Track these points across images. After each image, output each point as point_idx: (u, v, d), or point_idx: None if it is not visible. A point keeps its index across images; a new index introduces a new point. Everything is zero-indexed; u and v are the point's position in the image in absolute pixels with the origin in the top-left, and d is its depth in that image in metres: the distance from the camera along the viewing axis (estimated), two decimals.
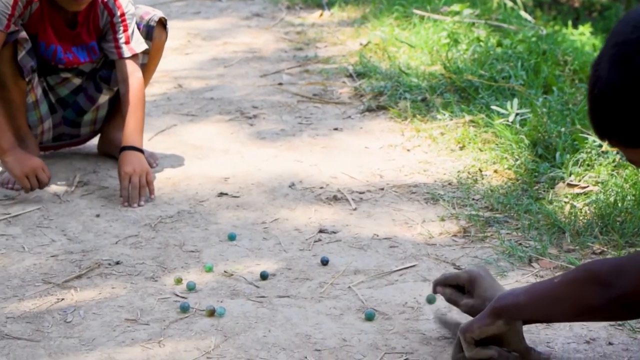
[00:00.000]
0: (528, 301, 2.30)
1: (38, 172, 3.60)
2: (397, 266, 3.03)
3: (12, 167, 3.59)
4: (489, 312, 2.32)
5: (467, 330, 2.34)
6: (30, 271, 3.05)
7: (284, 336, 2.60)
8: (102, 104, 4.00)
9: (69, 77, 3.89)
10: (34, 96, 3.81)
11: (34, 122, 3.85)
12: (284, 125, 4.50)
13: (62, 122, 3.99)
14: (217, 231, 3.34)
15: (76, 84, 3.93)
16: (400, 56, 5.44)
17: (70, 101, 3.97)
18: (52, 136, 4.00)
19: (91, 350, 2.55)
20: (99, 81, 3.92)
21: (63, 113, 3.97)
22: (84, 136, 4.09)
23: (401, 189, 3.68)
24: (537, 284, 2.36)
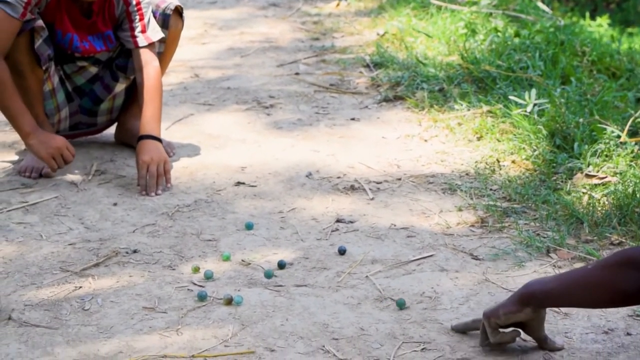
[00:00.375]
0: (559, 287, 2.31)
1: (63, 151, 3.64)
2: (414, 256, 3.03)
3: (37, 150, 3.61)
4: (517, 299, 2.33)
5: (491, 316, 2.35)
6: (48, 259, 3.06)
7: (301, 325, 2.60)
8: (119, 92, 4.00)
9: (86, 66, 3.89)
10: (50, 85, 3.81)
11: (50, 110, 3.86)
12: (300, 115, 4.50)
13: (79, 111, 3.99)
14: (235, 220, 3.34)
15: (92, 72, 3.93)
16: (417, 46, 5.43)
17: (87, 90, 3.97)
18: (69, 125, 4.00)
19: (109, 338, 2.56)
20: (116, 70, 3.92)
21: (80, 102, 3.97)
22: (100, 125, 4.09)
23: (418, 179, 3.67)
24: (568, 271, 2.35)
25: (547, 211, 3.29)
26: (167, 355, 2.46)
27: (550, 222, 3.22)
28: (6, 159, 3.93)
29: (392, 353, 2.46)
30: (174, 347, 2.50)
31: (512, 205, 3.37)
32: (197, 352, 2.48)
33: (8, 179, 3.72)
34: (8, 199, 3.53)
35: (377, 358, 2.44)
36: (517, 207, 3.36)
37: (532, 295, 2.32)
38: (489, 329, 2.36)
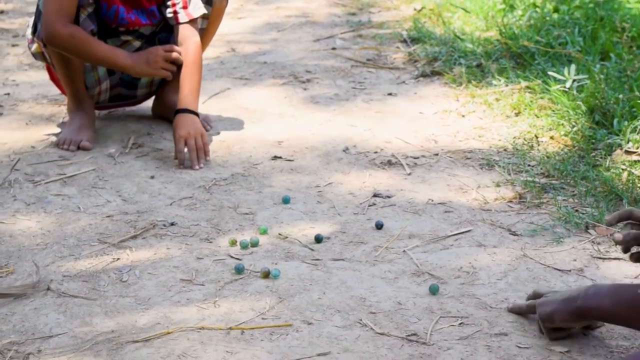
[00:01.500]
0: (612, 307, 2.26)
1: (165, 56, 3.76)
2: (452, 231, 3.02)
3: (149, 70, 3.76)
4: (574, 310, 2.30)
5: (546, 321, 2.34)
6: (85, 231, 3.07)
7: (338, 299, 2.60)
8: None
9: (130, 40, 3.89)
10: None
11: (91, 83, 3.87)
12: (337, 89, 4.48)
13: (119, 84, 4.00)
14: (271, 194, 3.33)
15: (136, 46, 3.93)
16: (454, 22, 5.40)
17: None
18: (109, 97, 4.01)
19: (147, 310, 2.57)
20: (158, 44, 3.92)
21: (121, 75, 3.98)
22: (139, 97, 4.10)
23: (456, 154, 3.65)
24: (622, 287, 2.29)
25: (586, 187, 3.26)
26: (205, 327, 2.46)
27: (589, 199, 3.20)
28: (44, 132, 3.95)
29: (429, 327, 2.45)
30: (211, 319, 2.51)
31: (551, 181, 3.35)
32: (235, 324, 2.48)
33: (46, 151, 3.74)
34: (46, 171, 3.54)
35: (414, 332, 2.43)
36: (556, 183, 3.33)
37: (588, 311, 2.28)
38: (545, 329, 2.37)
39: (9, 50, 5.24)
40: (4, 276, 2.77)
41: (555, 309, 2.33)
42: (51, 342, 2.42)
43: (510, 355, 2.33)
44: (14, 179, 3.47)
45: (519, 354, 2.33)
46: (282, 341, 2.40)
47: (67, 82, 3.83)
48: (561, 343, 2.37)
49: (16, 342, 2.42)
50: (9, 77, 4.78)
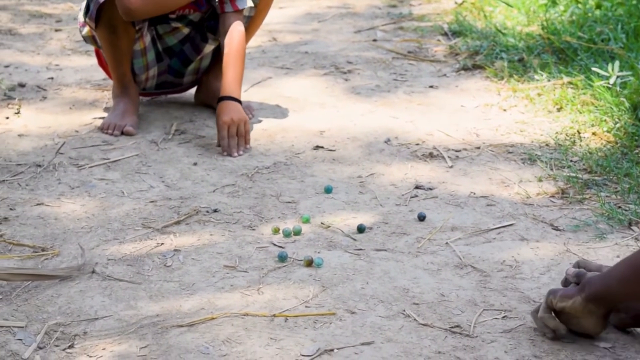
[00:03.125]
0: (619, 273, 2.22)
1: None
2: (494, 224, 3.02)
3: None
4: (577, 286, 2.29)
5: (551, 293, 2.31)
6: (130, 215, 3.09)
7: (381, 289, 2.61)
8: (207, 54, 4.02)
9: (179, 27, 3.91)
10: (142, 44, 3.85)
11: (139, 68, 3.90)
12: (378, 81, 4.49)
13: (167, 71, 4.02)
14: (314, 183, 3.34)
15: (185, 33, 3.95)
16: (496, 16, 5.39)
17: (177, 50, 3.99)
18: (155, 84, 4.04)
19: (191, 295, 2.58)
20: (206, 31, 3.93)
21: (169, 62, 4.00)
22: (185, 85, 4.12)
23: (497, 148, 3.65)
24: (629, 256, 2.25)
25: (629, 184, 3.25)
26: (249, 313, 2.48)
27: (632, 195, 3.19)
28: (87, 116, 3.98)
29: (472, 320, 2.46)
30: (255, 306, 2.52)
31: (593, 177, 3.34)
32: (278, 311, 2.49)
33: (89, 135, 3.77)
34: (90, 155, 3.57)
35: (457, 324, 2.44)
36: (598, 179, 3.33)
37: (587, 281, 2.26)
38: (544, 304, 2.33)
39: (52, 35, 5.28)
40: (49, 258, 2.80)
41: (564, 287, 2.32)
42: (97, 324, 2.45)
43: (554, 350, 2.33)
44: (59, 163, 3.50)
45: (562, 349, 2.33)
46: (326, 329, 2.41)
47: (114, 65, 3.86)
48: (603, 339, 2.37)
49: (62, 324, 2.44)
50: (52, 61, 4.81)
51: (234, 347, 2.33)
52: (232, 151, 3.58)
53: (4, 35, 5.30)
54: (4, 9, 5.94)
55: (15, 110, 4.03)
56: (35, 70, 4.64)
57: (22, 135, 3.76)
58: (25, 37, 5.29)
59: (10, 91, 4.29)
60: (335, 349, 2.32)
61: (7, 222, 3.03)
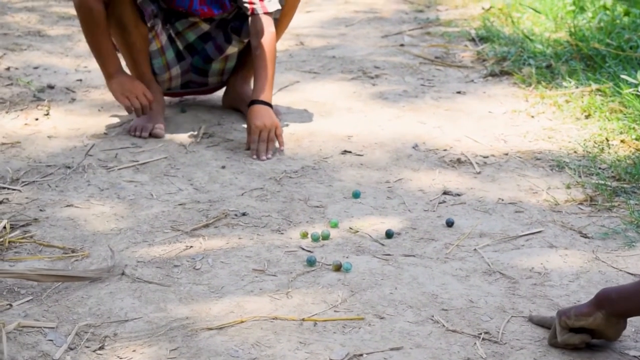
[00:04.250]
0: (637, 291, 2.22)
1: (138, 94, 3.74)
2: (522, 231, 3.01)
3: (114, 90, 3.75)
4: (591, 302, 2.27)
5: (563, 315, 2.30)
6: (159, 218, 3.10)
7: (410, 294, 2.61)
8: (231, 55, 4.02)
9: (197, 22, 3.92)
10: (158, 43, 3.86)
11: (160, 68, 3.91)
12: (406, 86, 4.49)
13: (190, 70, 4.03)
14: (342, 188, 3.35)
15: (204, 29, 3.95)
16: (523, 22, 5.39)
17: (199, 48, 3.99)
18: (181, 83, 4.05)
19: (220, 298, 2.59)
20: (230, 32, 3.94)
21: (191, 60, 4.01)
22: (211, 85, 4.13)
23: (525, 154, 3.64)
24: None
25: None
26: (278, 317, 2.49)
27: None
28: (116, 118, 4.00)
29: (501, 326, 2.45)
30: (284, 310, 2.53)
31: (622, 185, 3.33)
32: (307, 315, 2.50)
33: (119, 137, 3.79)
34: (119, 158, 3.59)
35: (486, 331, 2.44)
36: (627, 186, 3.32)
37: (605, 297, 2.24)
38: (559, 327, 2.32)
39: (80, 37, 5.31)
40: (79, 259, 2.81)
41: (574, 306, 2.30)
42: (127, 326, 2.46)
43: (583, 358, 2.32)
44: (88, 164, 3.52)
45: (592, 357, 2.33)
46: (355, 334, 2.42)
47: (132, 65, 3.89)
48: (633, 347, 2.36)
49: (92, 325, 2.46)
50: (80, 63, 4.84)
51: (263, 351, 2.33)
52: (261, 155, 3.59)
53: (32, 36, 5.34)
54: (33, 10, 5.98)
55: (45, 111, 4.05)
56: (64, 72, 4.67)
57: (51, 137, 3.78)
58: (53, 38, 5.32)
59: (40, 93, 4.31)
60: (364, 354, 2.33)
61: (37, 223, 3.05)
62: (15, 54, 4.94)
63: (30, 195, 3.25)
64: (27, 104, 4.15)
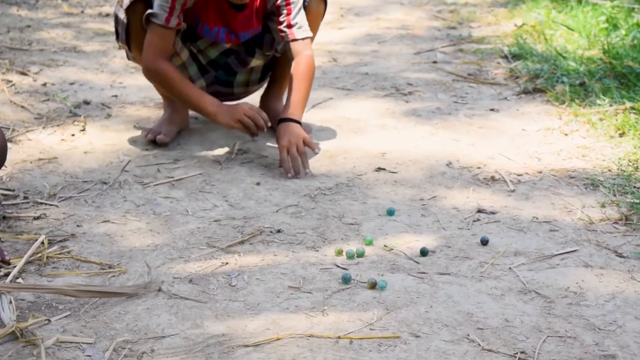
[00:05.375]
0: None
1: (246, 112, 3.73)
2: (557, 250, 3.01)
3: (226, 122, 3.73)
4: None
5: None
6: (194, 234, 3.12)
7: (445, 313, 2.62)
8: (256, 67, 4.02)
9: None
10: (179, 59, 3.89)
11: None
12: (439, 103, 4.50)
13: (215, 82, 4.05)
14: (376, 205, 3.36)
15: (226, 46, 3.97)
16: (556, 39, 5.38)
17: (222, 62, 4.01)
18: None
19: (256, 315, 2.61)
20: (252, 45, 3.95)
21: (215, 73, 4.02)
22: (237, 95, 4.15)
23: (559, 173, 3.64)
24: None
25: None
26: (314, 334, 2.50)
27: None
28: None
29: (537, 346, 2.45)
30: (320, 327, 2.54)
31: None
32: (343, 333, 2.51)
33: (153, 153, 3.82)
34: (154, 174, 3.62)
35: (522, 350, 2.44)
36: None
37: None
38: None
39: (115, 53, 5.35)
40: (116, 275, 2.83)
41: None
42: (164, 342, 2.47)
43: None
44: (124, 180, 3.54)
45: None
46: (390, 352, 2.42)
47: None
48: None
49: (130, 341, 2.47)
50: (115, 79, 4.88)
51: None
52: (295, 171, 3.59)
53: (68, 52, 5.38)
54: (68, 26, 6.04)
55: (81, 127, 4.09)
56: (99, 88, 4.71)
57: (87, 153, 3.82)
58: (89, 54, 5.37)
59: (76, 108, 4.35)
60: None
61: (74, 238, 3.08)
62: (51, 69, 4.99)
63: (67, 211, 3.28)
64: (63, 120, 4.19)
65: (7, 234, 3.09)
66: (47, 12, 6.44)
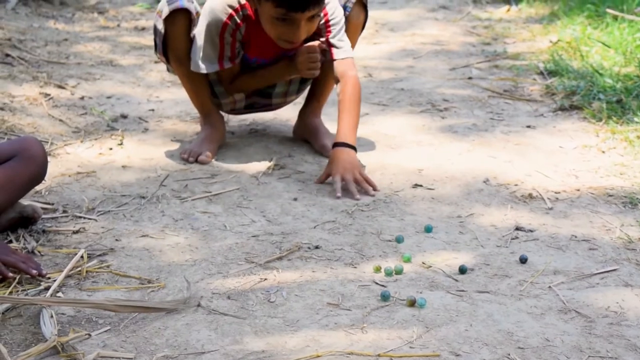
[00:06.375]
0: None
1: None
2: (597, 269, 3.00)
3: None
4: None
5: None
6: (232, 249, 3.13)
7: (485, 332, 2.61)
8: (294, 78, 4.04)
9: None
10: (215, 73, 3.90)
11: (221, 94, 3.99)
12: (475, 119, 4.49)
13: (254, 93, 4.06)
14: (413, 222, 3.36)
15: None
16: (592, 56, 5.36)
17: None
18: (245, 105, 4.10)
19: (296, 332, 2.60)
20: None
21: None
22: (275, 105, 4.16)
23: (598, 190, 3.62)
24: None
25: None
26: (354, 352, 2.49)
27: None
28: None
29: None
30: (359, 345, 2.54)
31: None
32: (383, 351, 2.50)
33: (190, 168, 3.83)
34: (192, 188, 3.63)
35: None
36: None
37: None
38: None
39: (151, 67, 5.38)
40: (155, 290, 2.84)
41: None
42: (204, 358, 2.48)
43: None
44: (162, 195, 3.56)
45: None
46: None
47: (192, 96, 3.98)
48: None
49: (170, 357, 2.48)
50: (152, 93, 4.91)
51: None
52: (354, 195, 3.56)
53: (105, 66, 5.42)
54: (105, 40, 6.07)
55: (119, 141, 4.11)
56: (136, 102, 4.74)
57: (125, 167, 3.83)
58: (125, 68, 5.40)
59: (113, 122, 4.38)
60: None
61: (113, 252, 3.09)
62: (88, 83, 5.02)
63: (106, 225, 3.29)
64: (101, 134, 4.22)
65: (46, 247, 3.11)
66: (83, 26, 6.49)
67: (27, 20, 6.36)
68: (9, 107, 4.38)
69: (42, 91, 4.73)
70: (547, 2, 7.01)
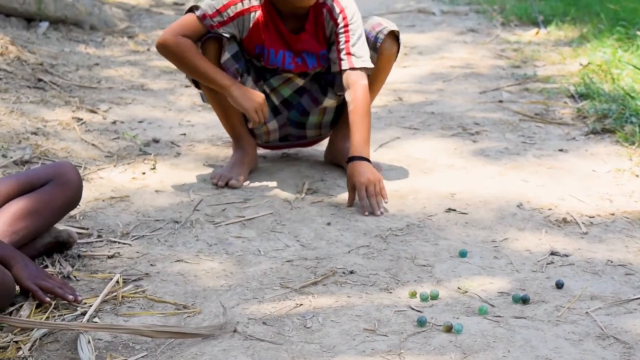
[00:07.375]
0: None
1: (263, 107, 3.78)
2: (634, 294, 2.98)
3: (241, 101, 3.76)
4: None
5: None
6: (267, 274, 3.13)
7: (523, 358, 2.59)
8: (329, 107, 4.04)
9: (292, 77, 3.96)
10: None
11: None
12: (507, 143, 4.49)
13: (287, 123, 4.08)
14: (448, 247, 3.35)
15: (299, 84, 3.99)
16: (623, 78, 5.35)
17: (294, 102, 4.04)
18: (279, 136, 4.10)
19: (333, 357, 2.60)
20: (325, 84, 3.97)
21: (288, 114, 4.06)
22: (310, 138, 4.17)
23: (632, 215, 3.61)
24: None
25: None
26: None
27: None
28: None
29: None
30: None
31: None
32: None
33: (223, 193, 3.84)
34: (225, 213, 3.63)
35: None
36: None
37: None
38: None
39: (182, 91, 5.40)
40: (191, 316, 2.84)
41: None
42: None
43: None
44: (195, 219, 3.56)
45: None
46: None
47: (223, 120, 4.00)
48: None
49: None
50: (183, 117, 4.92)
51: None
52: (376, 210, 3.60)
53: (136, 90, 5.44)
54: (135, 64, 6.11)
55: (151, 165, 4.12)
56: (168, 126, 4.75)
57: (158, 191, 3.85)
58: (156, 92, 5.43)
59: (145, 147, 4.40)
60: None
61: (148, 277, 3.09)
62: (120, 107, 5.05)
63: (140, 250, 3.30)
64: (133, 158, 4.24)
65: (82, 272, 3.12)
66: (114, 50, 6.53)
67: (58, 45, 6.41)
68: (42, 131, 4.41)
69: (75, 115, 4.75)
70: (576, 25, 7.00)
